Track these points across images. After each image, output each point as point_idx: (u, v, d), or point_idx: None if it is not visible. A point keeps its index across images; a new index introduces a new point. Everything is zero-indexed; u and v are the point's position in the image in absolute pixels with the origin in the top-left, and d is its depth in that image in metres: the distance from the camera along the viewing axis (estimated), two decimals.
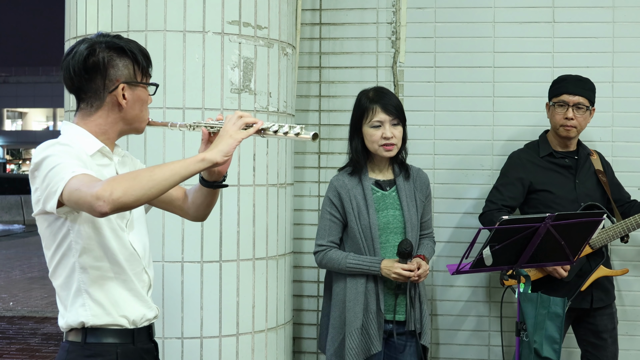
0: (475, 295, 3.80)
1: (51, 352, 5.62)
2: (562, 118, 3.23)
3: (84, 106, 2.01)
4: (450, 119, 3.78)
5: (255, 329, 3.22)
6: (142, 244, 2.06)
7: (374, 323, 2.86)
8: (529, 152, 3.37)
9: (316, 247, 3.00)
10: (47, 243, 1.97)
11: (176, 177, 1.80)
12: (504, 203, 3.29)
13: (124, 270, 1.98)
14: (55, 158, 1.84)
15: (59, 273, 1.97)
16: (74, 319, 1.95)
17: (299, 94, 3.80)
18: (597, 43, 3.73)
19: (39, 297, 7.99)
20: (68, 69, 1.98)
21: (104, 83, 1.97)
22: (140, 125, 2.07)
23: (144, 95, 2.04)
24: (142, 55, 2.03)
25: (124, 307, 1.99)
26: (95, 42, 1.98)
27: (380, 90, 3.00)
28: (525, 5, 3.76)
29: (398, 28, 3.81)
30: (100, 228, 1.93)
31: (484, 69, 3.78)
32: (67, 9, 3.37)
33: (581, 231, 2.76)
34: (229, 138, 1.86)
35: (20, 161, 48.67)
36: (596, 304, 3.26)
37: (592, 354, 3.33)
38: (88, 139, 1.97)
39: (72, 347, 1.97)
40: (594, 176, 3.31)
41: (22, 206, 18.63)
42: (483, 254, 2.64)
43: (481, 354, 3.79)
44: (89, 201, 1.72)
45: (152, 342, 2.10)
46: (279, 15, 3.29)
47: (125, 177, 1.77)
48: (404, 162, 3.02)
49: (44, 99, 43.99)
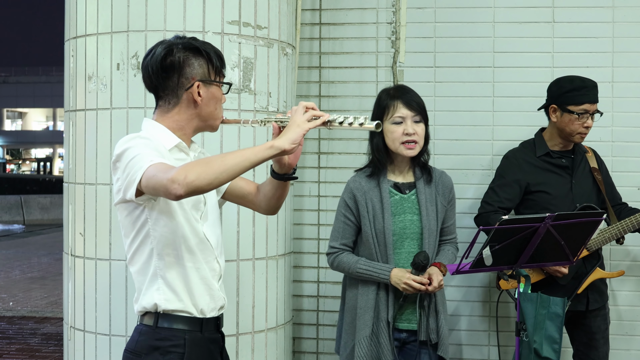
0: (474, 295, 3.80)
1: (51, 352, 5.62)
2: (582, 127, 3.17)
3: (162, 103, 2.13)
4: (450, 119, 3.78)
5: (255, 329, 3.22)
6: (215, 235, 2.17)
7: (385, 332, 2.77)
8: (525, 151, 3.34)
9: (329, 249, 2.93)
10: (126, 231, 2.10)
11: (246, 162, 1.88)
12: (500, 205, 3.26)
13: (197, 259, 2.09)
14: (135, 149, 1.97)
15: (136, 259, 2.10)
16: (148, 302, 2.08)
17: (299, 94, 3.80)
18: (597, 43, 3.73)
19: (38, 297, 7.99)
20: (147, 69, 2.11)
21: (180, 81, 2.08)
22: (214, 122, 2.17)
23: (218, 93, 2.15)
24: (216, 56, 2.14)
25: (196, 295, 2.10)
26: (173, 43, 2.11)
27: (402, 87, 2.90)
28: (525, 5, 3.76)
29: (398, 28, 3.81)
30: (176, 218, 2.05)
31: (484, 69, 3.78)
32: (67, 8, 3.37)
33: (581, 231, 2.76)
34: (297, 127, 1.94)
35: (20, 161, 48.71)
36: (592, 306, 3.25)
37: (584, 353, 3.33)
38: (166, 135, 2.09)
39: (145, 329, 2.10)
40: (590, 175, 3.30)
41: (22, 206, 18.63)
42: (483, 254, 2.64)
43: (481, 353, 3.79)
44: (165, 184, 1.84)
45: (219, 333, 2.21)
46: (278, 15, 3.29)
47: (199, 163, 1.87)
48: (427, 164, 2.90)
49: (43, 99, 44.03)
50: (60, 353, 5.34)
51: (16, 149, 48.78)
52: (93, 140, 3.17)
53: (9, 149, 48.60)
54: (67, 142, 3.35)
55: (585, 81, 3.21)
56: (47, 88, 43.09)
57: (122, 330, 3.10)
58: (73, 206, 3.28)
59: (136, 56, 3.07)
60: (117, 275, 3.11)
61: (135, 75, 3.07)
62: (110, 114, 3.12)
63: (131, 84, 3.08)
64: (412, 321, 2.82)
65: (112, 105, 3.12)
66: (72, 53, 3.29)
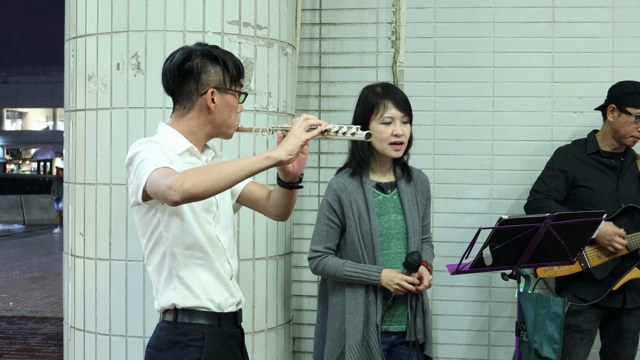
0: (475, 295, 3.80)
1: (51, 352, 5.62)
2: (637, 130, 3.23)
3: (178, 107, 2.18)
4: (450, 119, 3.78)
5: (255, 328, 3.22)
6: (227, 236, 2.22)
7: (375, 335, 2.69)
8: (575, 147, 3.39)
9: (311, 253, 2.82)
10: (142, 232, 2.16)
11: (242, 172, 1.93)
12: (549, 193, 3.31)
13: (210, 258, 2.14)
14: (143, 153, 2.03)
15: (151, 260, 2.16)
16: (166, 301, 2.14)
17: (299, 94, 3.80)
18: (597, 43, 3.73)
19: (38, 297, 7.99)
20: (165, 73, 2.17)
21: (196, 87, 2.13)
22: (228, 130, 2.21)
23: (233, 102, 2.18)
24: (234, 65, 2.17)
25: (211, 291, 2.15)
26: (192, 49, 2.16)
27: (388, 85, 2.81)
28: (525, 5, 3.76)
29: (398, 28, 3.81)
30: (186, 220, 2.10)
31: (484, 69, 3.78)
32: (67, 9, 3.37)
33: (581, 231, 2.76)
34: (294, 138, 1.99)
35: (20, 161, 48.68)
36: (629, 305, 3.27)
37: (611, 349, 3.37)
38: (178, 139, 2.15)
39: (165, 325, 2.16)
40: (638, 179, 3.33)
41: (22, 206, 18.64)
42: (483, 254, 2.64)
43: (481, 354, 3.79)
44: (163, 190, 1.90)
45: (237, 328, 2.26)
46: (278, 15, 3.29)
47: (197, 171, 1.92)
48: (406, 164, 2.84)
49: (43, 99, 43.98)
50: (60, 353, 5.34)
51: (16, 149, 48.74)
52: (93, 140, 3.17)
53: (9, 149, 48.56)
54: (67, 142, 3.35)
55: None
56: (47, 88, 43.04)
57: (122, 330, 3.10)
58: (73, 206, 3.28)
59: (136, 56, 3.07)
60: (117, 275, 3.11)
61: (135, 75, 3.07)
62: (110, 114, 3.12)
63: (131, 84, 3.08)
64: (401, 322, 2.77)
65: (112, 105, 3.12)
66: (72, 53, 3.29)
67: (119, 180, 3.10)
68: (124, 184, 3.08)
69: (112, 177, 3.11)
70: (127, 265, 3.10)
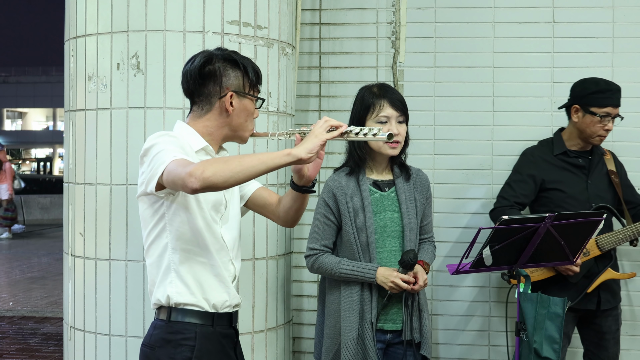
0: (477, 295, 3.80)
1: (51, 352, 5.62)
2: (602, 129, 3.20)
3: (196, 108, 2.22)
4: (450, 119, 3.79)
5: (255, 328, 3.22)
6: (232, 237, 2.25)
7: (370, 333, 2.71)
8: (542, 149, 3.37)
9: (308, 251, 2.85)
10: (145, 224, 2.18)
11: (262, 166, 1.94)
12: (515, 200, 3.29)
13: (212, 257, 2.16)
14: (161, 145, 2.05)
15: (151, 252, 2.17)
16: (161, 294, 2.15)
17: (299, 94, 3.80)
18: (597, 43, 3.73)
19: (39, 297, 7.98)
20: (186, 75, 2.21)
21: (215, 89, 2.18)
22: (244, 134, 2.25)
23: (250, 107, 2.24)
24: (253, 71, 2.23)
25: (208, 290, 2.17)
26: (213, 53, 2.21)
27: (384, 85, 2.86)
28: (525, 5, 3.76)
29: (398, 28, 3.81)
30: (193, 215, 2.12)
31: (484, 69, 3.78)
32: (67, 8, 3.37)
33: (581, 231, 2.76)
34: (314, 138, 2.02)
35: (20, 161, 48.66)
36: (603, 306, 3.27)
37: (594, 353, 3.35)
38: (194, 137, 2.18)
39: (159, 324, 2.18)
40: (606, 177, 3.32)
41: (22, 206, 18.61)
42: (483, 254, 2.64)
43: (483, 354, 3.79)
44: (183, 177, 1.90)
45: (232, 329, 2.27)
46: (278, 15, 3.29)
47: (218, 160, 1.94)
48: (404, 163, 2.88)
49: (43, 99, 44.00)
50: (60, 353, 5.34)
51: (16, 149, 48.75)
52: (93, 140, 3.17)
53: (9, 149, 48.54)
54: (67, 142, 3.35)
55: (610, 84, 3.24)
56: (47, 88, 43.06)
57: (122, 330, 3.10)
58: (73, 206, 3.28)
59: (136, 56, 3.07)
60: (117, 275, 3.11)
61: (135, 75, 3.07)
62: (110, 114, 3.12)
63: (131, 84, 3.08)
64: (396, 321, 2.78)
65: (112, 105, 3.12)
66: (72, 53, 3.29)
67: (119, 180, 3.10)
68: (124, 184, 3.08)
69: (112, 177, 3.11)
70: (127, 265, 3.10)
